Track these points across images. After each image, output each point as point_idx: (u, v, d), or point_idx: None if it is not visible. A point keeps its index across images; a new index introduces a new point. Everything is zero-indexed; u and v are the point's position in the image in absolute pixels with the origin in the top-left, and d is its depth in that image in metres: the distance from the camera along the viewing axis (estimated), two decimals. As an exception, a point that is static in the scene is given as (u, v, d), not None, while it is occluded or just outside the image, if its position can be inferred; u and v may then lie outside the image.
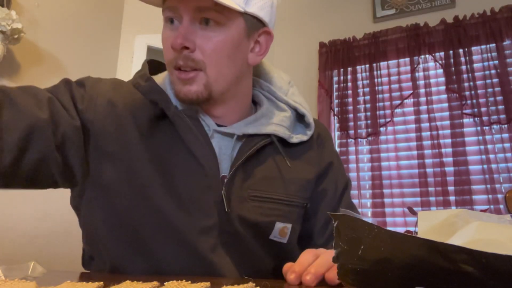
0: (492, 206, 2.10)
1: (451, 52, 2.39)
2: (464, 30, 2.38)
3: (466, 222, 0.39)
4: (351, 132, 2.55)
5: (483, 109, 2.26)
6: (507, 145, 2.18)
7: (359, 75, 2.60)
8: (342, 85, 2.64)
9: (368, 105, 2.54)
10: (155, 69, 0.77)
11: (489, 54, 2.31)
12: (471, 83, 2.30)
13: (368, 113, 2.53)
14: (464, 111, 2.30)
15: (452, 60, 2.39)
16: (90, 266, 0.73)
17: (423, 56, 2.47)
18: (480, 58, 2.34)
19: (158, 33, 0.69)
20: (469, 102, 2.30)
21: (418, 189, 2.31)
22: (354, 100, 2.58)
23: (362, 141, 2.52)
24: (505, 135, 2.19)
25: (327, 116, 2.59)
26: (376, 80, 2.55)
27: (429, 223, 0.42)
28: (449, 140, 2.31)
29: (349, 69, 2.64)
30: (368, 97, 2.55)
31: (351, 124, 2.56)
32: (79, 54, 2.15)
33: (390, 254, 0.33)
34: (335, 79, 2.69)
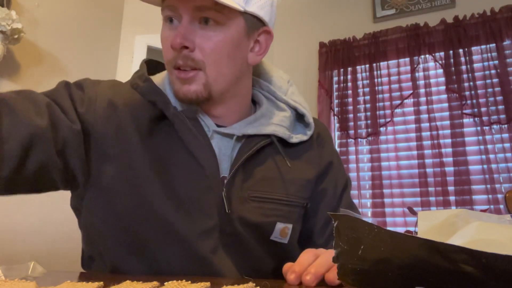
0: (492, 206, 2.10)
1: (451, 52, 2.39)
2: (464, 30, 2.38)
3: (466, 222, 0.39)
4: (351, 132, 2.55)
5: (483, 109, 2.26)
6: (507, 145, 2.18)
7: (359, 75, 2.60)
8: (342, 85, 2.64)
9: (368, 105, 2.54)
10: (154, 69, 0.77)
11: (489, 54, 2.31)
12: (471, 83, 2.30)
13: (368, 113, 2.53)
14: (464, 111, 2.30)
15: (452, 60, 2.39)
16: (89, 267, 0.73)
17: (423, 56, 2.47)
18: (480, 58, 2.34)
19: (158, 33, 0.69)
20: (469, 102, 2.30)
21: (418, 189, 2.31)
22: (354, 100, 2.58)
23: (362, 141, 2.52)
24: (505, 135, 2.19)
25: (327, 116, 2.59)
26: (376, 80, 2.55)
27: (429, 223, 0.42)
28: (449, 140, 2.31)
29: (349, 69, 2.64)
30: (368, 97, 2.55)
31: (351, 124, 2.56)
32: (79, 54, 2.15)
33: (390, 254, 0.33)
34: (335, 79, 2.69)
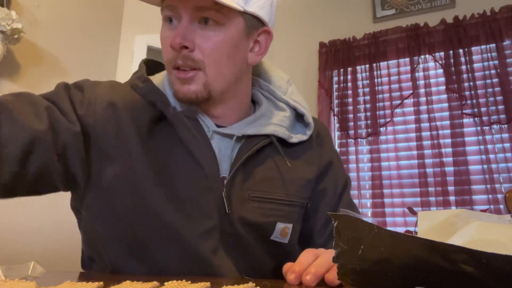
0: (492, 206, 2.10)
1: (451, 52, 2.39)
2: (464, 30, 2.38)
3: (466, 222, 0.39)
4: (351, 132, 2.55)
5: (483, 109, 2.26)
6: (507, 145, 2.17)
7: (359, 75, 2.60)
8: (342, 85, 2.64)
9: (368, 105, 2.54)
10: (153, 69, 0.77)
11: (489, 54, 2.31)
12: (471, 83, 2.30)
13: (368, 113, 2.53)
14: (464, 111, 2.30)
15: (452, 60, 2.39)
16: (89, 268, 0.73)
17: (423, 56, 2.47)
18: (480, 58, 2.34)
19: (158, 33, 0.69)
20: (469, 102, 2.30)
21: (418, 189, 2.31)
22: (354, 100, 2.58)
23: (362, 141, 2.52)
24: (505, 135, 2.19)
25: (327, 116, 2.59)
26: (376, 80, 2.55)
27: (429, 223, 0.42)
28: (449, 140, 2.31)
29: (349, 69, 2.64)
30: (368, 97, 2.55)
31: (351, 124, 2.56)
32: (79, 54, 2.15)
33: (390, 254, 0.33)
34: (335, 79, 2.69)
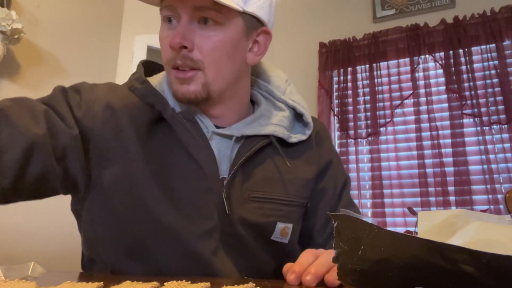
0: (492, 206, 2.10)
1: (451, 52, 2.39)
2: (464, 30, 2.38)
3: (466, 222, 0.39)
4: (351, 132, 2.55)
5: (483, 109, 2.26)
6: (507, 145, 2.17)
7: (359, 75, 2.60)
8: (342, 85, 2.64)
9: (368, 105, 2.54)
10: (151, 70, 0.77)
11: (489, 54, 2.31)
12: (471, 83, 2.30)
13: (368, 113, 2.53)
14: (464, 111, 2.30)
15: (452, 60, 2.39)
16: (90, 269, 0.72)
17: (423, 56, 2.47)
18: (480, 58, 2.34)
19: (158, 33, 0.69)
20: (469, 102, 2.30)
21: (418, 189, 2.31)
22: (354, 100, 2.58)
23: (362, 141, 2.52)
24: (505, 135, 2.19)
25: (327, 116, 2.59)
26: (376, 80, 2.55)
27: (429, 223, 0.42)
28: (449, 140, 2.31)
29: (349, 69, 2.64)
30: (368, 97, 2.55)
31: (351, 124, 2.56)
32: (79, 54, 2.15)
33: (390, 254, 0.33)
34: (335, 79, 2.69)
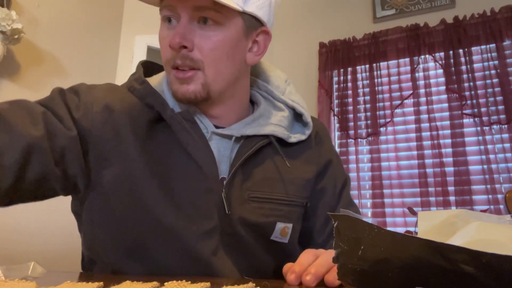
0: (492, 206, 2.10)
1: (451, 52, 2.39)
2: (464, 30, 2.38)
3: (466, 222, 0.39)
4: (351, 132, 2.55)
5: (483, 109, 2.26)
6: (507, 145, 2.17)
7: (359, 75, 2.60)
8: (342, 85, 2.64)
9: (368, 105, 2.54)
10: (150, 70, 0.76)
11: (489, 54, 2.31)
12: (471, 83, 2.30)
13: (368, 113, 2.53)
14: (464, 111, 2.30)
15: (452, 60, 2.39)
16: (90, 270, 0.72)
17: (423, 56, 2.47)
18: (480, 58, 2.34)
19: (158, 34, 0.69)
20: (469, 102, 2.30)
21: (418, 189, 2.31)
22: (354, 100, 2.58)
23: (362, 141, 2.52)
24: (505, 135, 2.19)
25: (327, 116, 2.59)
26: (376, 80, 2.55)
27: (429, 223, 0.42)
28: (449, 140, 2.31)
29: (349, 69, 2.64)
30: (368, 97, 2.55)
31: (351, 124, 2.56)
32: (79, 54, 2.15)
33: (390, 254, 0.33)
34: (335, 79, 2.69)
